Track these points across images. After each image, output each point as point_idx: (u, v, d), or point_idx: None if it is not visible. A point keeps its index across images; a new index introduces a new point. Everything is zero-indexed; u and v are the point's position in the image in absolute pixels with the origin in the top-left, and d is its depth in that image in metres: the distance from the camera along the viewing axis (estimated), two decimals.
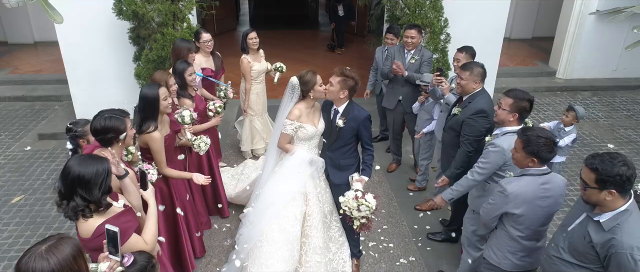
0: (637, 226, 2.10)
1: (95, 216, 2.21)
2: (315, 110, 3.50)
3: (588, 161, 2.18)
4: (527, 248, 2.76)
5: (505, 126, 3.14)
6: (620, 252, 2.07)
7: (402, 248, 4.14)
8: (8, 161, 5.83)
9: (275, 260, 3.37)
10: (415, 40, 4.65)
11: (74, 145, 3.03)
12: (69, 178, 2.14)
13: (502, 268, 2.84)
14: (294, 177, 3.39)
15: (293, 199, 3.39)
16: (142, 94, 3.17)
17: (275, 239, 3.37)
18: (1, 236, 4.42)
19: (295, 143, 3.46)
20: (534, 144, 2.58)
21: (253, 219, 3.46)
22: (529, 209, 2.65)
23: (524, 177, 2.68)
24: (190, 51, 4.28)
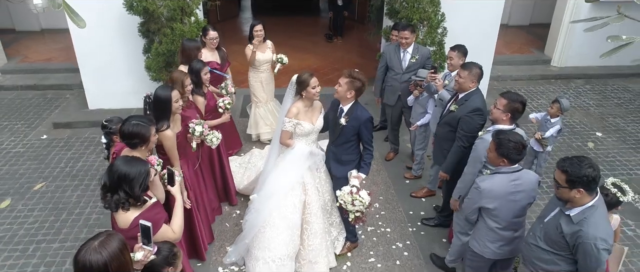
0: (601, 219, 2.43)
1: (132, 209, 2.53)
2: (314, 108, 3.79)
3: (559, 164, 2.50)
4: (505, 238, 3.10)
5: (498, 124, 3.44)
6: (585, 242, 2.40)
7: (398, 232, 4.50)
8: (27, 149, 6.15)
9: (277, 243, 3.73)
10: (410, 40, 4.93)
11: (108, 140, 3.38)
12: (116, 175, 2.46)
13: (484, 256, 3.19)
14: (293, 169, 3.71)
15: (292, 189, 3.73)
16: (156, 95, 3.45)
17: (276, 225, 3.72)
18: (28, 222, 4.78)
19: (294, 138, 3.76)
20: (504, 147, 2.89)
21: (257, 206, 3.81)
22: (502, 203, 2.97)
23: (497, 175, 3.00)
24: (198, 50, 4.57)
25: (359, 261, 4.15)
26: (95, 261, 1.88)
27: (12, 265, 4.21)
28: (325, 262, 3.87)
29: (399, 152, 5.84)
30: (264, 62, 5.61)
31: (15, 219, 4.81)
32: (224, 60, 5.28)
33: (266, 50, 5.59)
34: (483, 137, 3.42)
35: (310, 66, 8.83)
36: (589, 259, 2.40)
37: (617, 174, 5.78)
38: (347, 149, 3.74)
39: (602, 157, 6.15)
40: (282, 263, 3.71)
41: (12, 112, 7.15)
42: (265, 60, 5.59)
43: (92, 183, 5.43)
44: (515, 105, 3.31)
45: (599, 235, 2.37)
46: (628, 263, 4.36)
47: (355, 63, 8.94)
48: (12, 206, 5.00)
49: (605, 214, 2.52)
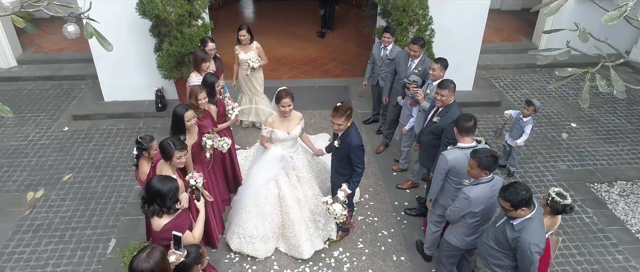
0: (536, 229, 3.09)
1: (165, 216, 3.19)
2: (291, 119, 4.41)
3: (501, 194, 3.12)
4: (479, 230, 3.76)
5: (459, 143, 4.03)
6: (522, 246, 3.07)
7: (384, 221, 5.19)
8: (51, 141, 6.78)
9: (248, 224, 4.55)
10: (418, 52, 5.48)
11: (139, 153, 3.99)
12: (151, 191, 3.10)
13: (459, 247, 3.87)
14: (267, 168, 4.43)
15: (266, 184, 4.45)
16: (174, 113, 4.08)
17: (250, 209, 4.52)
18: (61, 210, 5.46)
19: (273, 143, 4.45)
20: (485, 162, 3.50)
21: (241, 191, 4.62)
22: (485, 206, 3.62)
23: (479, 185, 3.61)
24: (204, 61, 5.16)
25: (350, 247, 4.86)
26: (145, 268, 2.54)
27: (54, 249, 4.92)
28: (309, 246, 4.58)
29: (389, 146, 6.46)
30: (245, 61, 6.15)
31: (51, 208, 5.50)
32: (219, 70, 5.81)
33: (249, 52, 6.11)
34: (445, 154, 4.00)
35: (309, 55, 9.32)
36: (524, 258, 3.08)
37: (585, 164, 6.43)
38: (343, 164, 4.34)
39: (573, 148, 6.77)
40: (251, 241, 4.54)
41: (33, 104, 7.73)
42: (246, 59, 6.13)
43: (114, 174, 6.09)
44: (467, 125, 3.89)
45: (533, 241, 3.03)
46: (581, 246, 5.05)
47: (352, 52, 9.42)
48: (46, 196, 5.67)
49: (540, 224, 3.17)
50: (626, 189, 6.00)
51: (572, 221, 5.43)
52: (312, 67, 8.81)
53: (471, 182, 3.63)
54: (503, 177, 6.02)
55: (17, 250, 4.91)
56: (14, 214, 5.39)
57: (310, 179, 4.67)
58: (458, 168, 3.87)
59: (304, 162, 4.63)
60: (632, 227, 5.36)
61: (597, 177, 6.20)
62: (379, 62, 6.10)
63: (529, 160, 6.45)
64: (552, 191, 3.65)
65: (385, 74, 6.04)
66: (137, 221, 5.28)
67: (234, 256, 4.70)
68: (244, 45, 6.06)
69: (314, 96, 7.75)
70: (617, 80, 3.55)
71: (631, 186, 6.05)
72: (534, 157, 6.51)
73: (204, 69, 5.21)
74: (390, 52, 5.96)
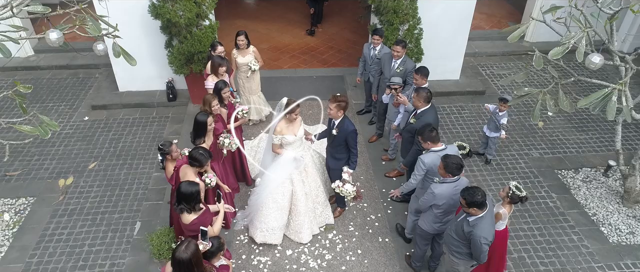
0: (487, 225, 3.84)
1: (192, 213, 3.94)
2: (295, 123, 5.06)
3: (462, 193, 3.85)
4: (443, 220, 4.53)
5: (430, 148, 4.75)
6: (475, 238, 3.84)
7: (372, 207, 5.98)
8: (74, 130, 7.48)
9: (269, 219, 5.26)
10: (400, 53, 6.09)
11: (163, 157, 4.71)
12: (180, 193, 3.85)
13: (428, 232, 4.65)
14: (283, 170, 5.13)
15: (282, 183, 5.15)
16: (196, 120, 4.78)
17: (270, 206, 5.22)
18: (91, 196, 6.24)
19: (284, 147, 5.12)
20: (449, 167, 4.22)
21: (258, 191, 5.30)
22: (447, 201, 4.36)
23: (444, 183, 4.35)
24: (221, 66, 5.80)
25: (342, 229, 5.66)
26: (185, 258, 3.30)
27: (88, 231, 5.73)
28: (308, 231, 5.41)
29: (382, 135, 7.16)
30: (244, 65, 6.75)
31: (81, 194, 6.27)
32: (229, 69, 6.43)
33: (247, 55, 6.70)
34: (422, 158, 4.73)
35: (307, 44, 9.87)
36: (475, 247, 3.85)
37: (555, 152, 7.15)
38: (339, 150, 5.12)
39: (547, 136, 7.47)
40: (273, 232, 5.30)
41: (53, 93, 8.39)
42: (244, 63, 6.73)
43: (134, 162, 6.83)
44: (431, 134, 4.60)
45: (483, 235, 3.79)
46: (542, 228, 5.85)
47: (348, 40, 9.95)
48: (75, 183, 6.44)
49: (491, 222, 3.92)
50: (589, 175, 6.74)
51: (537, 205, 6.21)
52: (310, 57, 9.39)
53: (439, 180, 4.37)
54: (481, 164, 6.81)
55: (57, 232, 5.71)
56: (49, 200, 6.17)
57: (315, 173, 5.40)
58: (434, 169, 4.59)
59: (309, 158, 5.34)
60: (589, 211, 6.14)
61: (565, 164, 6.94)
62: (369, 61, 6.73)
63: (505, 148, 7.16)
64: (511, 184, 4.37)
65: (375, 72, 6.68)
66: (158, 205, 6.06)
67: (243, 238, 5.52)
68: (242, 49, 6.63)
69: (312, 86, 8.38)
70: (563, 100, 4.25)
71: (594, 172, 6.80)
72: (511, 145, 7.23)
73: (221, 73, 5.88)
74: (379, 52, 6.57)
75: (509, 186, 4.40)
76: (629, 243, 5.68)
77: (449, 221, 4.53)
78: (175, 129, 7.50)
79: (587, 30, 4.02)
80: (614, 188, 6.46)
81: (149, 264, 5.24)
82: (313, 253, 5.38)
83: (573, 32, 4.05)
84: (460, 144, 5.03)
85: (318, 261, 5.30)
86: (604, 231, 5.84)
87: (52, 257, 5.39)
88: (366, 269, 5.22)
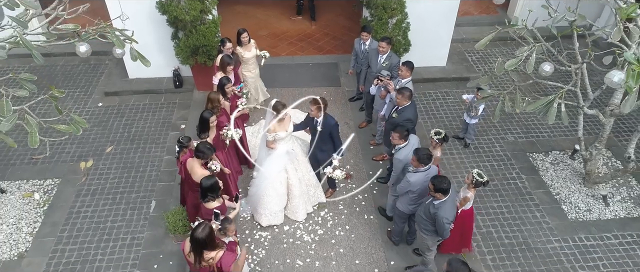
0: (449, 207, 4.60)
1: (216, 201, 4.70)
2: (285, 120, 5.74)
3: (431, 180, 4.58)
4: (418, 202, 5.28)
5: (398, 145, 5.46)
6: (438, 218, 4.60)
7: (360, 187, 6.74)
8: (90, 116, 8.18)
9: (271, 204, 6.01)
10: (385, 48, 6.71)
11: (180, 150, 5.43)
12: (204, 188, 4.61)
13: (405, 212, 5.42)
14: (278, 162, 5.86)
15: (279, 173, 5.89)
16: (201, 117, 5.49)
17: (270, 194, 5.96)
18: (110, 177, 7.00)
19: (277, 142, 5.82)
20: (422, 159, 4.94)
21: (258, 183, 6.03)
22: (421, 187, 5.10)
23: (418, 172, 5.07)
24: (229, 65, 6.45)
25: (333, 208, 6.45)
26: (201, 237, 4.05)
27: (109, 209, 6.51)
28: (303, 211, 6.21)
29: (371, 122, 7.85)
30: (250, 58, 7.37)
31: (101, 175, 7.03)
32: (237, 63, 7.06)
33: (251, 49, 7.32)
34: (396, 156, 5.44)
35: (304, 31, 10.41)
36: (439, 226, 4.64)
37: (529, 136, 7.85)
38: (325, 142, 5.82)
39: (523, 121, 8.15)
40: (276, 214, 6.08)
41: (68, 80, 9.03)
42: (250, 57, 7.36)
43: (146, 146, 7.56)
44: (403, 133, 5.30)
45: (445, 216, 4.56)
46: (510, 206, 6.61)
47: (343, 27, 10.48)
48: (95, 166, 7.19)
49: (452, 205, 4.68)
50: (558, 158, 7.48)
51: (507, 185, 6.96)
52: (307, 43, 9.96)
53: (413, 170, 5.10)
54: (461, 147, 7.53)
55: (82, 210, 6.50)
56: (73, 181, 6.93)
57: (305, 161, 6.12)
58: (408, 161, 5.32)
59: (298, 149, 6.06)
60: (553, 191, 6.90)
61: (537, 148, 7.66)
62: (360, 54, 7.35)
63: (484, 133, 7.87)
64: (474, 172, 5.10)
65: (365, 65, 7.30)
66: (170, 186, 6.83)
67: (246, 216, 6.31)
68: (245, 45, 7.23)
69: (308, 73, 9.02)
70: (520, 101, 4.94)
71: (562, 155, 7.53)
72: (489, 130, 7.93)
73: (229, 70, 6.53)
74: (368, 46, 7.18)
75: (472, 174, 5.13)
76: (585, 219, 6.46)
77: (422, 203, 5.30)
78: (183, 114, 8.19)
79: (537, 44, 4.65)
80: (578, 170, 7.20)
81: (165, 238, 6.05)
82: (307, 229, 6.19)
83: (526, 46, 4.69)
84: (437, 131, 5.68)
85: (311, 235, 6.11)
86: (565, 209, 6.62)
87: (80, 232, 6.19)
88: (353, 242, 6.04)
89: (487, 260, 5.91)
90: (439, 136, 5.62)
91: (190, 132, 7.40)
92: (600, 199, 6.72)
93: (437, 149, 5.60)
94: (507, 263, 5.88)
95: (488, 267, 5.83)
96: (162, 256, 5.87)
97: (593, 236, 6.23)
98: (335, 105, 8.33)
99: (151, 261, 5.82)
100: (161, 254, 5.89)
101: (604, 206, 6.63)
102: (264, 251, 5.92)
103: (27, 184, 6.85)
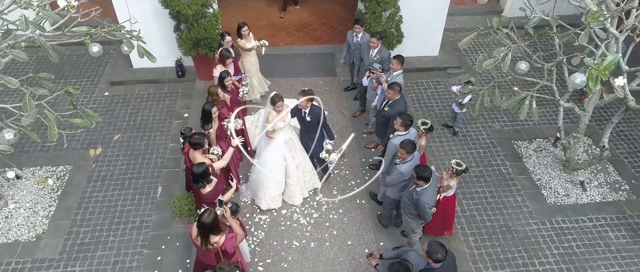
0: (430, 194, 5.05)
1: (208, 186, 5.14)
2: (283, 111, 6.12)
3: (415, 169, 5.02)
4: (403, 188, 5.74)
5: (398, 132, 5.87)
6: (420, 203, 5.06)
7: (353, 174, 7.19)
8: (98, 105, 8.58)
9: (270, 189, 6.45)
10: (376, 43, 7.08)
11: (183, 141, 5.85)
12: (194, 175, 5.03)
13: (394, 198, 5.87)
14: (277, 150, 6.28)
15: (278, 161, 6.32)
16: (203, 110, 5.89)
17: (270, 180, 6.40)
18: (118, 164, 7.44)
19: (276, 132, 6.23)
20: (409, 149, 5.36)
21: (258, 170, 6.43)
22: (409, 175, 5.54)
23: (406, 163, 5.51)
24: (228, 58, 6.82)
25: (327, 193, 6.91)
26: (207, 222, 4.50)
27: (119, 194, 6.98)
28: (300, 196, 6.67)
29: (365, 111, 8.26)
30: (250, 49, 7.73)
31: (110, 162, 7.48)
32: (236, 56, 7.42)
33: (251, 41, 7.67)
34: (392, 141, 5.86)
35: (301, 20, 10.71)
36: (421, 210, 5.10)
37: (514, 124, 8.25)
38: (313, 131, 6.25)
39: (509, 109, 8.45)
40: (274, 199, 6.55)
41: (75, 69, 9.40)
42: (250, 48, 7.71)
43: (151, 134, 7.98)
44: (407, 122, 5.71)
45: (426, 201, 5.01)
46: (494, 191, 7.06)
47: (340, 16, 10.77)
48: (104, 153, 7.62)
49: (433, 192, 5.13)
50: (541, 145, 7.91)
51: (492, 171, 7.41)
52: (304, 33, 10.28)
53: (400, 162, 5.53)
54: (449, 135, 7.95)
55: (93, 195, 6.97)
56: (84, 167, 7.38)
57: (301, 148, 6.56)
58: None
59: (296, 138, 6.49)
60: (535, 177, 7.35)
61: (521, 136, 8.09)
62: (352, 46, 7.71)
63: (472, 121, 8.27)
64: (452, 162, 5.54)
65: (358, 56, 7.65)
66: (175, 172, 7.28)
67: (247, 201, 6.78)
68: (245, 37, 7.58)
69: (305, 63, 9.37)
70: (498, 97, 5.34)
71: (545, 142, 7.96)
72: (477, 118, 8.34)
73: (228, 63, 6.91)
74: (361, 39, 7.53)
75: (451, 164, 5.57)
76: (563, 204, 6.93)
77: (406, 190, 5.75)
78: (186, 103, 8.59)
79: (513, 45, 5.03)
80: (559, 157, 7.63)
81: (172, 221, 6.53)
82: (303, 212, 6.66)
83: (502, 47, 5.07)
84: (423, 121, 6.08)
85: (307, 218, 6.59)
86: (545, 194, 7.07)
87: (93, 215, 6.67)
88: (346, 225, 6.52)
89: (469, 241, 6.40)
90: (425, 126, 6.02)
91: (194, 121, 7.83)
92: (578, 185, 7.17)
93: (423, 137, 6.03)
94: (488, 244, 6.37)
95: (470, 247, 6.32)
96: (169, 237, 6.36)
97: (569, 219, 6.70)
98: (331, 94, 8.72)
99: (159, 242, 6.31)
100: (168, 235, 6.38)
101: (581, 191, 7.09)
102: (263, 233, 6.41)
103: (40, 171, 7.31)
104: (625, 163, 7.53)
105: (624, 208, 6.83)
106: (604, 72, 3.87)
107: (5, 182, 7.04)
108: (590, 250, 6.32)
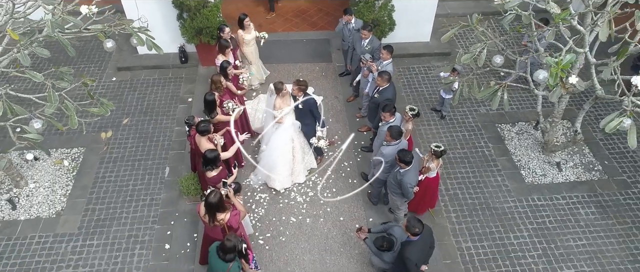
0: (412, 175, 5.62)
1: (214, 170, 5.71)
2: (286, 97, 6.67)
3: (398, 153, 5.57)
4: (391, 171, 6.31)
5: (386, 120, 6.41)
6: (403, 183, 5.63)
7: (346, 155, 7.75)
8: (106, 90, 9.08)
9: (281, 170, 7.00)
10: (367, 35, 7.56)
11: (189, 128, 6.39)
12: (206, 159, 5.58)
13: (381, 179, 6.45)
14: (286, 134, 6.82)
15: (286, 143, 6.86)
16: (206, 99, 6.39)
17: (280, 162, 6.96)
18: (128, 147, 8.00)
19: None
20: (394, 135, 5.91)
21: (268, 153, 6.98)
22: (392, 158, 6.10)
23: (390, 146, 6.06)
24: (227, 47, 7.29)
25: (322, 173, 7.49)
26: (214, 201, 5.07)
27: (130, 175, 7.56)
28: (303, 175, 7.27)
29: (358, 96, 8.76)
30: (251, 40, 8.19)
31: (120, 145, 8.03)
32: (235, 47, 7.87)
33: (251, 31, 8.13)
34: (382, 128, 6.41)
35: (299, 7, 11.10)
36: (403, 189, 5.68)
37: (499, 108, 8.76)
38: (306, 118, 6.81)
39: None
40: (286, 178, 7.10)
41: (82, 56, 9.86)
42: (251, 38, 8.18)
43: (158, 118, 8.51)
44: (392, 111, 6.24)
45: (409, 181, 5.59)
46: (476, 171, 7.64)
47: (337, 5, 11.14)
48: (114, 136, 8.17)
49: (415, 173, 5.70)
50: (523, 128, 8.45)
51: (476, 153, 7.97)
52: (301, 20, 10.68)
53: (386, 144, 6.08)
54: (437, 119, 8.48)
55: (106, 175, 7.55)
56: (96, 149, 7.94)
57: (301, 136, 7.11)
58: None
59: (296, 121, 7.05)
60: (515, 158, 7.91)
61: (505, 119, 8.61)
62: (346, 34, 8.16)
63: (459, 106, 8.78)
64: (432, 146, 6.09)
65: (351, 43, 8.14)
66: (181, 154, 7.84)
67: (249, 179, 7.37)
68: (247, 28, 8.03)
69: (303, 49, 9.82)
70: (474, 88, 5.85)
71: (527, 126, 8.49)
72: (464, 103, 8.84)
73: (228, 52, 7.39)
74: (354, 25, 8.01)
75: (431, 147, 6.12)
76: (539, 183, 7.51)
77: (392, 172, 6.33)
78: (189, 88, 9.09)
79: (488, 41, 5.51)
80: (539, 139, 8.18)
81: (179, 199, 7.13)
82: (299, 191, 7.26)
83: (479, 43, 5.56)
84: (411, 107, 6.59)
85: (303, 196, 7.19)
86: (523, 174, 7.65)
87: (106, 194, 7.27)
88: (338, 202, 7.12)
89: (451, 217, 7.01)
90: (412, 112, 6.55)
91: (197, 105, 8.35)
92: (554, 166, 7.74)
93: (409, 122, 6.57)
94: (468, 219, 6.98)
95: (452, 222, 6.94)
96: (177, 214, 6.97)
97: (544, 197, 7.29)
98: (327, 79, 9.21)
99: (168, 218, 6.92)
100: (177, 212, 6.99)
101: (557, 172, 7.67)
102: (263, 210, 7.02)
103: (56, 152, 7.87)
104: (600, 145, 8.08)
105: (596, 187, 7.42)
106: (563, 70, 4.37)
107: (24, 164, 7.62)
108: (562, 225, 6.93)
